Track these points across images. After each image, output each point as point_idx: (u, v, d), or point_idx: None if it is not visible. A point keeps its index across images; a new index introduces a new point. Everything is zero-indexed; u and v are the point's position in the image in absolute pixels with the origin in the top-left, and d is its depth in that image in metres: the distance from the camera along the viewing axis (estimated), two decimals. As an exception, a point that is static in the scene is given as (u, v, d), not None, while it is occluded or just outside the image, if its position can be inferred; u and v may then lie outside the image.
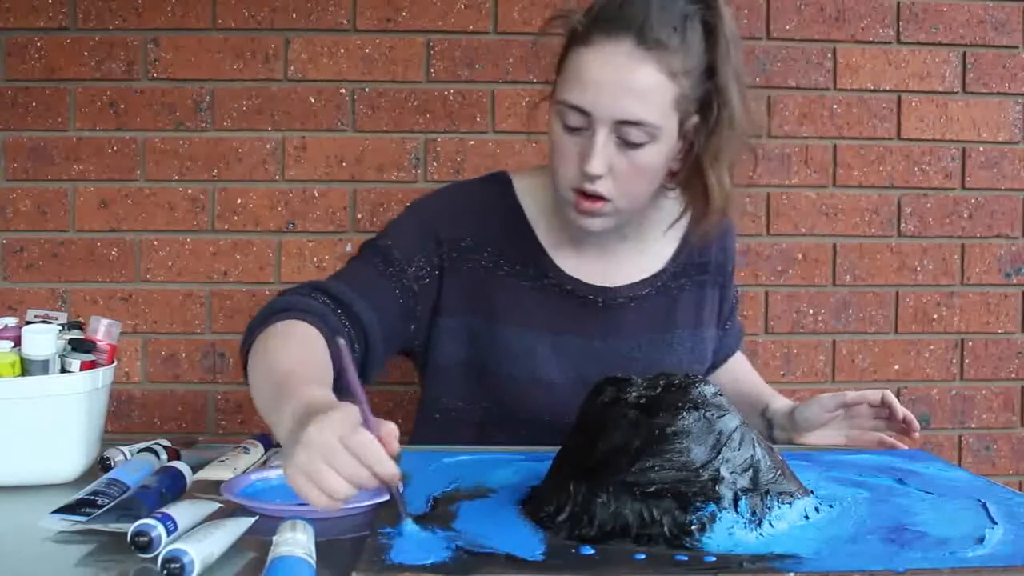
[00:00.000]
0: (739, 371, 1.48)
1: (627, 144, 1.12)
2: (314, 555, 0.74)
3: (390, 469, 0.78)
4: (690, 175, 1.20)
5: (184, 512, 0.82)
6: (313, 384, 0.92)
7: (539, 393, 1.22)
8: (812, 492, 0.91)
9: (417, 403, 1.38)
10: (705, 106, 1.15)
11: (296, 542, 0.74)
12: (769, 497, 0.85)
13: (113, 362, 1.11)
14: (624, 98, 1.09)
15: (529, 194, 1.29)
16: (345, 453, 0.77)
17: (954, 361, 1.96)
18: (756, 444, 0.88)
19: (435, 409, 1.32)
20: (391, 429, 0.81)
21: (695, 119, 1.15)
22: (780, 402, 1.37)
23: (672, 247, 1.33)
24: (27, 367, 1.01)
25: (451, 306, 1.25)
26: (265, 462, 1.09)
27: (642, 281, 1.30)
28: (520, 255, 1.26)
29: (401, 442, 0.82)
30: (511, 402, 1.25)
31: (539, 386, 1.22)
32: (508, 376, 1.24)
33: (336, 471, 0.77)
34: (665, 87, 1.10)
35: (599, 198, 1.15)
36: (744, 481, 0.84)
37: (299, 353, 1.03)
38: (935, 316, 1.95)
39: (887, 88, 1.92)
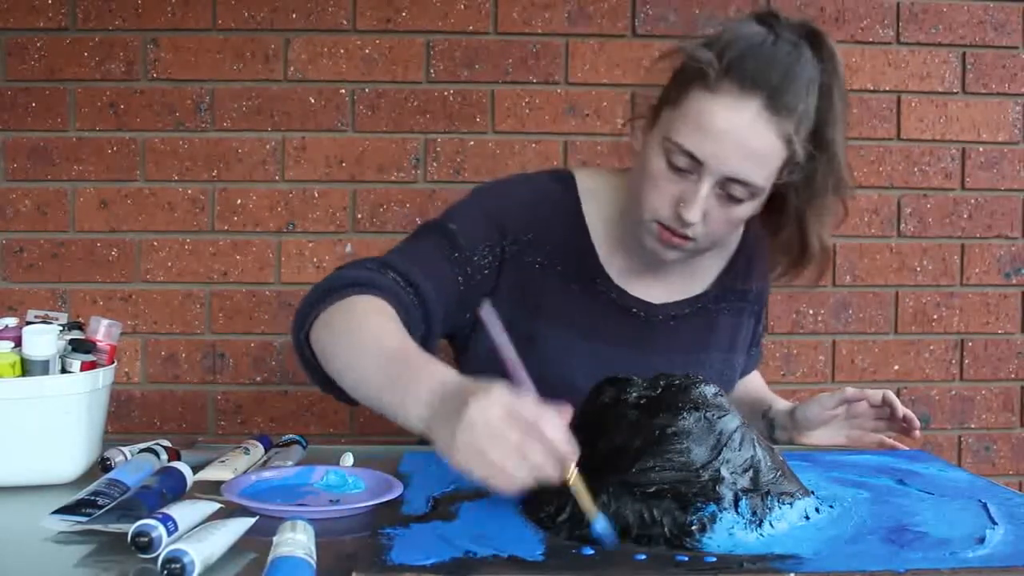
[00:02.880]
0: (746, 378, 1.48)
1: (728, 198, 1.10)
2: (314, 555, 0.74)
3: (564, 440, 0.76)
4: (792, 232, 1.18)
5: (184, 512, 0.82)
6: (435, 362, 0.88)
7: (567, 397, 1.20)
8: (812, 492, 0.91)
9: None
10: (807, 166, 1.12)
11: (296, 542, 0.73)
12: (769, 497, 0.85)
13: (113, 362, 1.11)
14: (741, 157, 1.07)
15: (592, 199, 1.26)
16: (514, 426, 0.74)
17: (954, 361, 1.96)
18: (756, 444, 0.88)
19: None
20: (555, 405, 0.77)
21: (791, 175, 1.13)
22: (781, 403, 1.37)
23: (716, 269, 1.31)
24: (27, 367, 1.01)
25: (500, 298, 1.22)
26: (265, 462, 1.09)
27: (684, 300, 1.28)
28: (575, 258, 1.24)
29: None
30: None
31: (568, 390, 1.19)
32: (541, 378, 1.22)
33: (505, 446, 0.74)
34: (779, 152, 1.09)
35: (685, 237, 1.14)
36: (744, 481, 0.84)
37: (399, 330, 0.98)
38: (935, 316, 1.95)
39: (887, 88, 1.92)
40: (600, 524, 0.79)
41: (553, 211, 1.25)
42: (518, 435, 0.75)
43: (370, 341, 0.96)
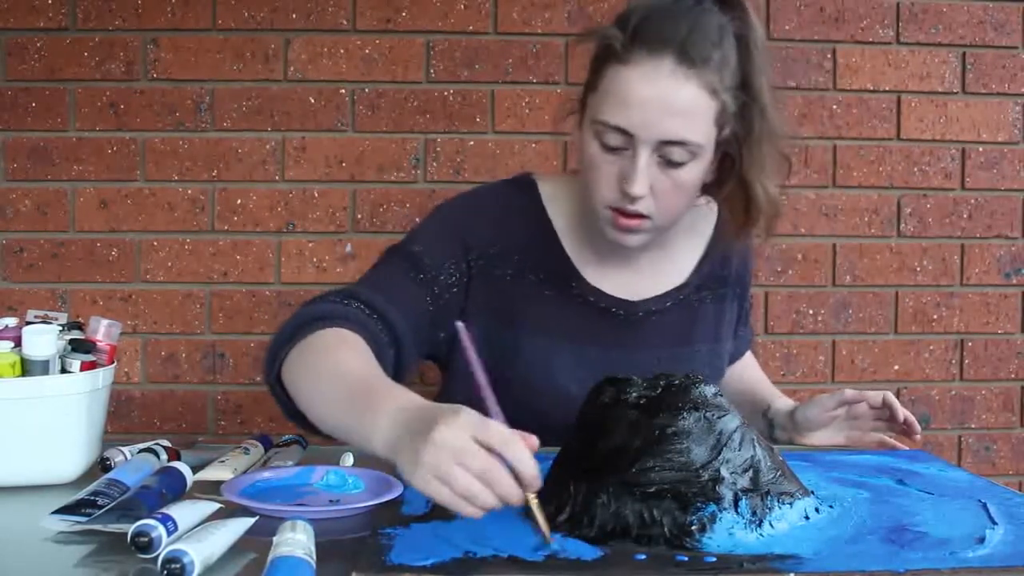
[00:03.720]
0: (745, 371, 1.47)
1: (669, 163, 1.10)
2: (314, 555, 0.74)
3: (531, 467, 0.75)
4: (734, 188, 1.18)
5: (184, 512, 0.82)
6: (398, 388, 0.88)
7: (555, 402, 1.19)
8: (812, 492, 0.91)
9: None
10: (741, 118, 1.12)
11: (296, 542, 0.74)
12: (769, 497, 0.85)
13: (113, 362, 1.11)
14: (668, 119, 1.07)
15: (555, 202, 1.26)
16: (481, 452, 0.73)
17: (954, 361, 1.96)
18: (756, 444, 0.89)
19: None
20: (522, 433, 0.77)
21: (729, 130, 1.13)
22: (782, 402, 1.36)
23: (695, 258, 1.31)
24: (27, 367, 1.01)
25: (474, 312, 1.22)
26: (265, 462, 1.09)
27: (664, 294, 1.28)
28: (546, 264, 1.24)
29: None
30: (526, 410, 1.23)
31: (556, 396, 1.20)
32: (526, 384, 1.22)
33: (470, 471, 0.73)
34: (707, 104, 1.08)
35: (639, 216, 1.13)
36: (744, 481, 0.84)
37: (363, 359, 0.99)
38: (935, 316, 1.95)
39: (887, 88, 1.92)
40: (556, 544, 0.79)
41: (518, 220, 1.25)
42: (484, 460, 0.74)
43: (334, 373, 0.96)
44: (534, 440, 0.77)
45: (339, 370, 0.96)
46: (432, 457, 0.74)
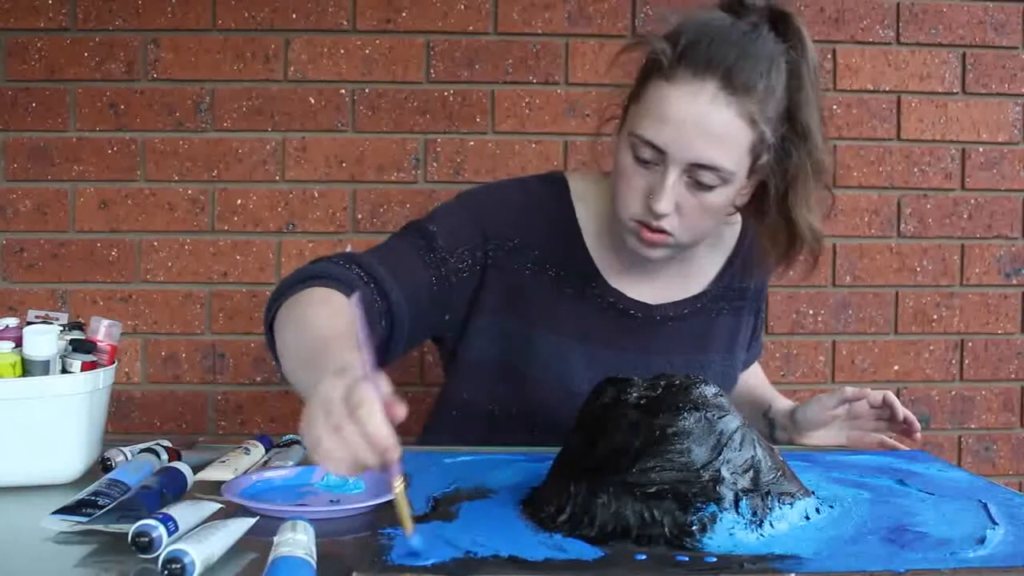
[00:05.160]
0: (749, 377, 1.47)
1: (698, 185, 1.09)
2: (314, 555, 0.74)
3: (378, 432, 0.71)
4: (776, 220, 1.17)
5: (185, 513, 0.82)
6: (352, 352, 0.87)
7: (565, 400, 1.18)
8: (813, 493, 0.91)
9: (437, 396, 1.37)
10: (781, 150, 1.11)
11: (296, 542, 0.74)
12: (770, 498, 0.85)
13: (114, 363, 1.11)
14: (702, 142, 1.06)
15: (583, 201, 1.26)
16: (340, 410, 0.73)
17: (954, 361, 1.96)
18: (757, 445, 0.89)
19: (454, 405, 1.30)
20: (390, 393, 0.75)
21: (765, 160, 1.12)
22: (782, 403, 1.36)
23: (716, 268, 1.31)
24: (28, 368, 1.01)
25: (490, 305, 1.22)
26: (266, 463, 1.09)
27: (683, 301, 1.28)
28: (567, 262, 1.24)
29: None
30: (535, 405, 1.23)
31: (566, 394, 1.19)
32: (537, 381, 1.22)
33: (327, 426, 0.73)
34: (743, 133, 1.07)
35: (662, 232, 1.13)
36: (745, 482, 0.84)
37: (334, 322, 0.99)
38: (935, 316, 1.95)
39: (887, 89, 1.92)
40: (416, 541, 0.76)
41: (543, 215, 1.24)
42: (340, 417, 0.73)
43: (304, 330, 0.97)
44: (397, 410, 0.74)
45: (310, 328, 0.97)
46: (310, 409, 0.75)
